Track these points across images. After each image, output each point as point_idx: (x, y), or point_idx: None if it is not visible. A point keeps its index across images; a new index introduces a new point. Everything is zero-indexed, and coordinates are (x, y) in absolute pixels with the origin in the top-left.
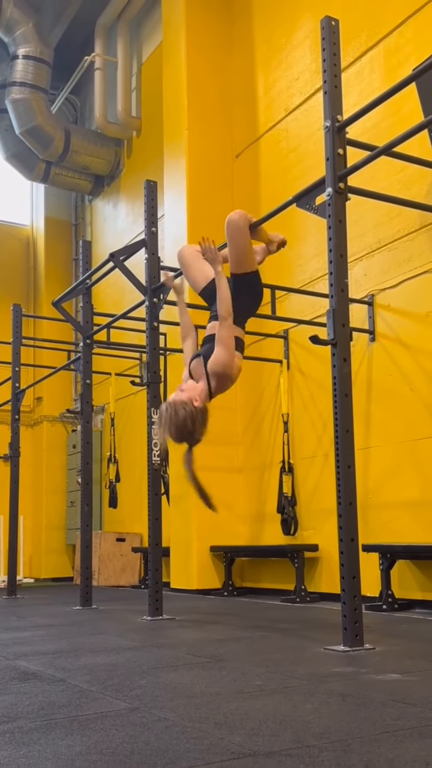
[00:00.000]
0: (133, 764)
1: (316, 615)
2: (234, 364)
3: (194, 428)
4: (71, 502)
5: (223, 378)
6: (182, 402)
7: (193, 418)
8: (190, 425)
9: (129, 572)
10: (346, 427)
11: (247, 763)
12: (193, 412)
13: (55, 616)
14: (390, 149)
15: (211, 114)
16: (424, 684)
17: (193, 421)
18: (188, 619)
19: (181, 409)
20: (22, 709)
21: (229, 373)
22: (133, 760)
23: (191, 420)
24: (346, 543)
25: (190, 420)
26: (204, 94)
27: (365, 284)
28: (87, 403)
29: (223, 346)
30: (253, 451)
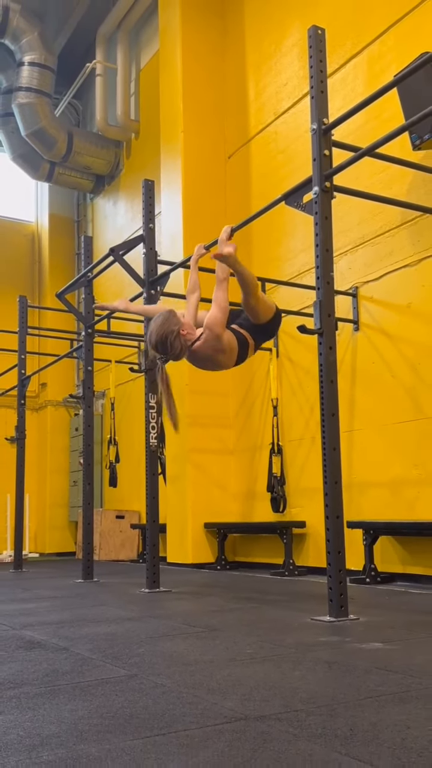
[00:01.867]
0: (132, 727)
1: (304, 587)
2: (225, 337)
3: (171, 344)
4: (74, 482)
5: (211, 338)
6: (176, 322)
7: (174, 336)
8: (171, 339)
9: (128, 547)
10: (331, 412)
11: (238, 727)
12: (177, 333)
13: (59, 588)
14: (373, 150)
15: (206, 117)
16: (405, 652)
17: (173, 338)
18: (184, 591)
19: (170, 324)
20: (28, 675)
21: (218, 335)
22: (132, 724)
23: (173, 336)
24: (331, 520)
25: (171, 335)
26: (198, 98)
27: (350, 277)
28: (88, 389)
29: (217, 306)
30: (245, 433)
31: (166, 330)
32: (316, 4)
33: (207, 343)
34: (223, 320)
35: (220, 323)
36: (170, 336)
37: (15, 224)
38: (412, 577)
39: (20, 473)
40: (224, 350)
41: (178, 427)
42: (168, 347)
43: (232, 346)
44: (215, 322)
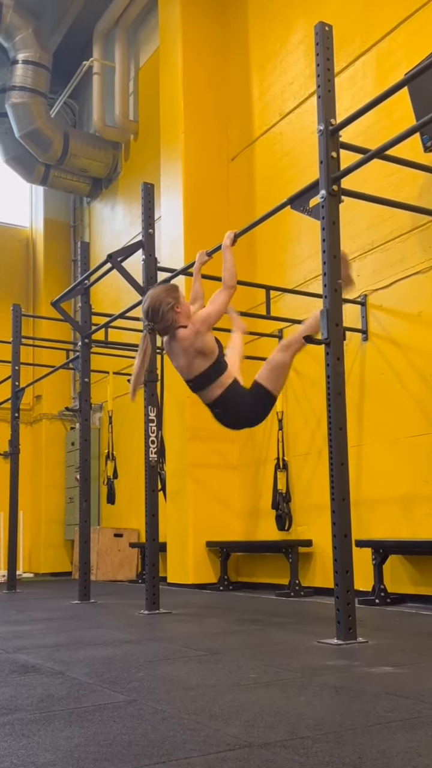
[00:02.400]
0: (131, 755)
1: (310, 609)
2: (208, 340)
3: (163, 314)
4: (70, 498)
5: (192, 332)
6: (176, 297)
7: (168, 309)
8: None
9: (126, 567)
10: (339, 425)
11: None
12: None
13: (54, 610)
14: (382, 152)
15: (207, 118)
16: (416, 676)
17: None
18: (184, 612)
19: (168, 295)
20: (22, 701)
21: (200, 332)
22: (131, 752)
23: (167, 307)
24: (339, 538)
25: (166, 306)
26: (200, 98)
27: (358, 284)
28: (85, 401)
29: (213, 306)
30: (248, 448)
31: (162, 299)
32: (323, 0)
33: (189, 335)
34: (212, 320)
35: (208, 322)
36: (164, 306)
37: (8, 229)
38: (424, 599)
39: (14, 489)
40: (203, 353)
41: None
42: (159, 316)
43: (212, 354)
44: (204, 318)
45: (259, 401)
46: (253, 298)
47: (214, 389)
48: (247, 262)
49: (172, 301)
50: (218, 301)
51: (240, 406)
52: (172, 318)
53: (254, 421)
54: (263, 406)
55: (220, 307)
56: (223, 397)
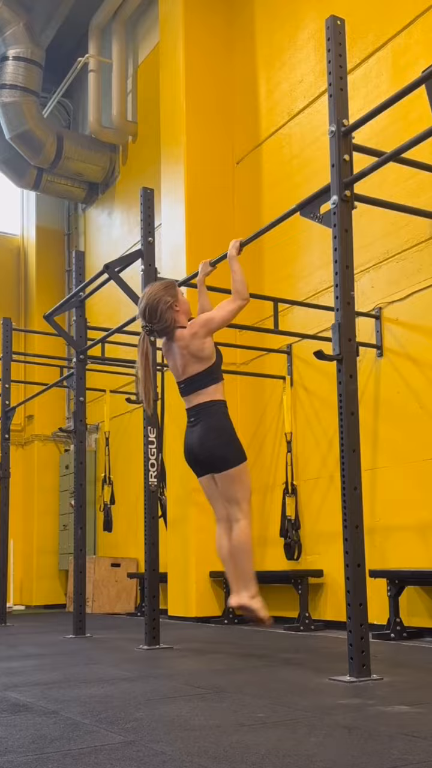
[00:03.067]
0: None
1: (321, 644)
2: (208, 344)
3: (161, 314)
4: (64, 526)
5: (190, 333)
6: (174, 294)
7: (167, 307)
8: (162, 308)
9: (124, 599)
10: (352, 447)
11: None
12: (171, 305)
13: (47, 645)
14: (398, 155)
15: (211, 118)
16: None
17: (165, 308)
18: (187, 648)
19: (167, 294)
20: (13, 742)
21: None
22: None
23: (165, 306)
24: (352, 568)
25: (164, 305)
26: (203, 97)
27: (372, 297)
28: (80, 422)
29: (220, 311)
30: (255, 471)
31: (160, 297)
32: None
33: (186, 336)
34: (214, 326)
35: (209, 327)
36: (163, 305)
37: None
38: None
39: (4, 516)
40: (199, 357)
41: (152, 409)
42: (157, 316)
43: (209, 359)
44: (205, 321)
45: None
46: (260, 311)
47: (202, 395)
48: (253, 272)
49: (171, 299)
50: (226, 310)
51: (217, 425)
52: (172, 318)
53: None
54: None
55: (227, 316)
56: (206, 407)
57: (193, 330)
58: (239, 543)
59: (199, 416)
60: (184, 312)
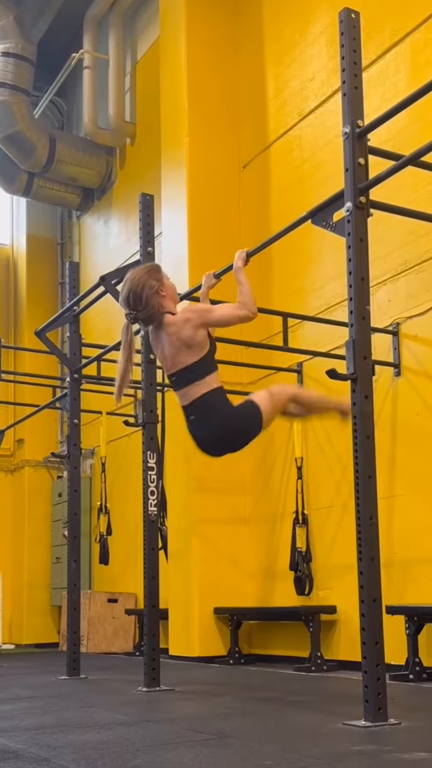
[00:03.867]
0: None
1: (334, 685)
2: (201, 335)
3: (146, 300)
4: (57, 558)
5: (185, 321)
6: (159, 278)
7: (152, 292)
8: (147, 293)
9: (122, 637)
10: (367, 473)
11: None
12: (156, 290)
13: (39, 686)
14: (418, 158)
15: (215, 119)
16: None
17: (150, 293)
18: (189, 690)
19: (150, 277)
20: None
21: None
22: None
23: (150, 291)
24: (367, 604)
25: (149, 290)
26: (207, 96)
27: (389, 311)
28: (74, 446)
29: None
30: (263, 500)
31: (144, 282)
32: None
33: (177, 321)
34: (210, 319)
35: (204, 318)
36: (147, 290)
37: None
38: None
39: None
40: (190, 345)
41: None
42: (141, 301)
43: (202, 348)
44: (201, 310)
45: (245, 419)
46: (269, 327)
47: (197, 388)
48: (261, 285)
49: (156, 283)
50: (228, 311)
51: (221, 415)
52: (157, 303)
53: (234, 439)
54: (248, 427)
55: (227, 317)
56: (204, 400)
57: (186, 315)
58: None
59: (200, 411)
60: (171, 297)
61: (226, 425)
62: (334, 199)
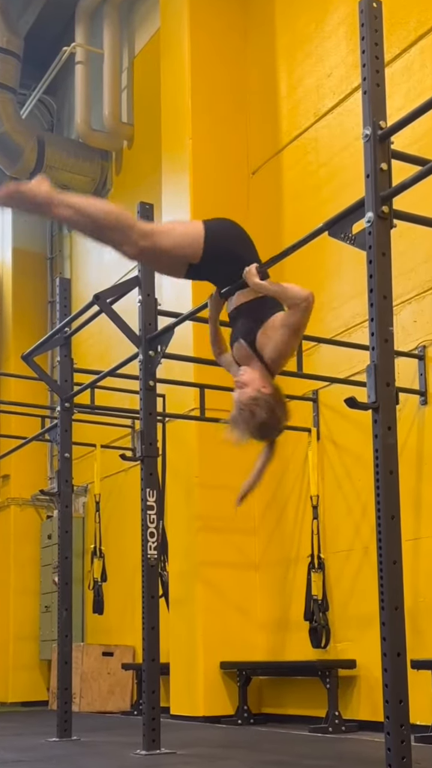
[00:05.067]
0: None
1: (353, 748)
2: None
3: (277, 418)
4: (46, 607)
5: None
6: (252, 398)
7: (272, 409)
8: (274, 418)
9: (118, 695)
10: (390, 513)
11: None
12: (270, 403)
13: (26, 749)
14: None
15: (222, 119)
16: None
17: (273, 411)
18: (192, 753)
19: (256, 408)
20: None
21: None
22: None
23: (271, 412)
24: (390, 658)
25: (269, 413)
26: (212, 94)
27: (415, 333)
28: (65, 483)
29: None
30: (274, 541)
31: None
32: None
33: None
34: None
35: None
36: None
37: None
38: None
39: None
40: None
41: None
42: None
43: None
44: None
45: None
46: None
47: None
48: None
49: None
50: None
51: None
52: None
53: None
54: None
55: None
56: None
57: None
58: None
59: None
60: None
61: None
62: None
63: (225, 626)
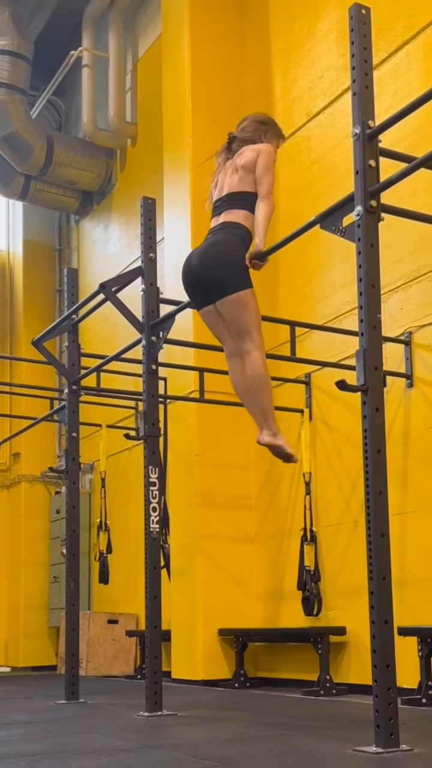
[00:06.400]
0: None
1: (344, 710)
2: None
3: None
4: (54, 577)
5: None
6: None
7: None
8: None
9: (122, 660)
10: (378, 489)
11: None
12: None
13: (36, 711)
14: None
15: (220, 119)
16: None
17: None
18: (192, 715)
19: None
20: None
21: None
22: None
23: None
24: (378, 625)
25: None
26: (211, 95)
27: (401, 320)
28: (73, 461)
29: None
30: (269, 516)
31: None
32: None
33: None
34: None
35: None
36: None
37: None
38: None
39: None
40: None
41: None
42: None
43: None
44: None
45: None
46: (275, 336)
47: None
48: (267, 292)
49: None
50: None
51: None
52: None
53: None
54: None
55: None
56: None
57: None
58: (253, 376)
59: (215, 234)
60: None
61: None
62: (344, 203)
63: (223, 596)
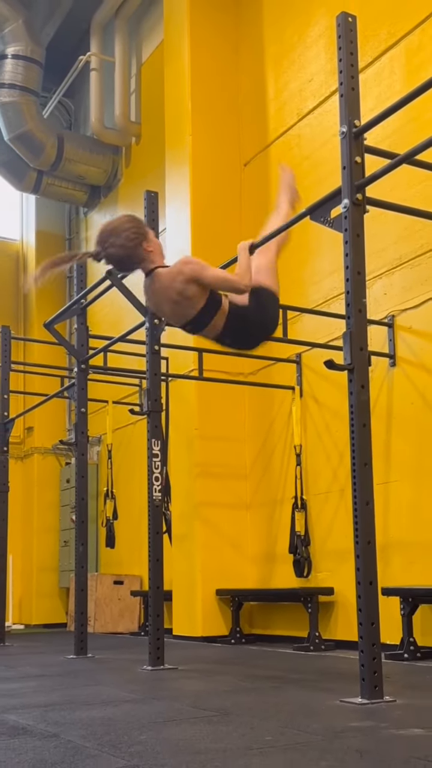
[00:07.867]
0: None
1: (332, 664)
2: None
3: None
4: (64, 542)
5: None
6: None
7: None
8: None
9: (127, 618)
10: (364, 460)
11: None
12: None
13: (47, 665)
14: (412, 157)
15: (217, 119)
16: None
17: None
18: (192, 668)
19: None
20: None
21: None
22: None
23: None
24: (363, 586)
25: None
26: (209, 97)
27: (385, 304)
28: (82, 434)
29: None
30: (263, 485)
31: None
32: None
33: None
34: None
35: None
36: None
37: None
38: None
39: (2, 532)
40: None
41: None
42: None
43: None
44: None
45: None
46: None
47: (217, 322)
48: None
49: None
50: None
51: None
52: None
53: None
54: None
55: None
56: (230, 323)
57: (179, 268)
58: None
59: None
60: (157, 252)
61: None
62: (332, 196)
63: (220, 558)
